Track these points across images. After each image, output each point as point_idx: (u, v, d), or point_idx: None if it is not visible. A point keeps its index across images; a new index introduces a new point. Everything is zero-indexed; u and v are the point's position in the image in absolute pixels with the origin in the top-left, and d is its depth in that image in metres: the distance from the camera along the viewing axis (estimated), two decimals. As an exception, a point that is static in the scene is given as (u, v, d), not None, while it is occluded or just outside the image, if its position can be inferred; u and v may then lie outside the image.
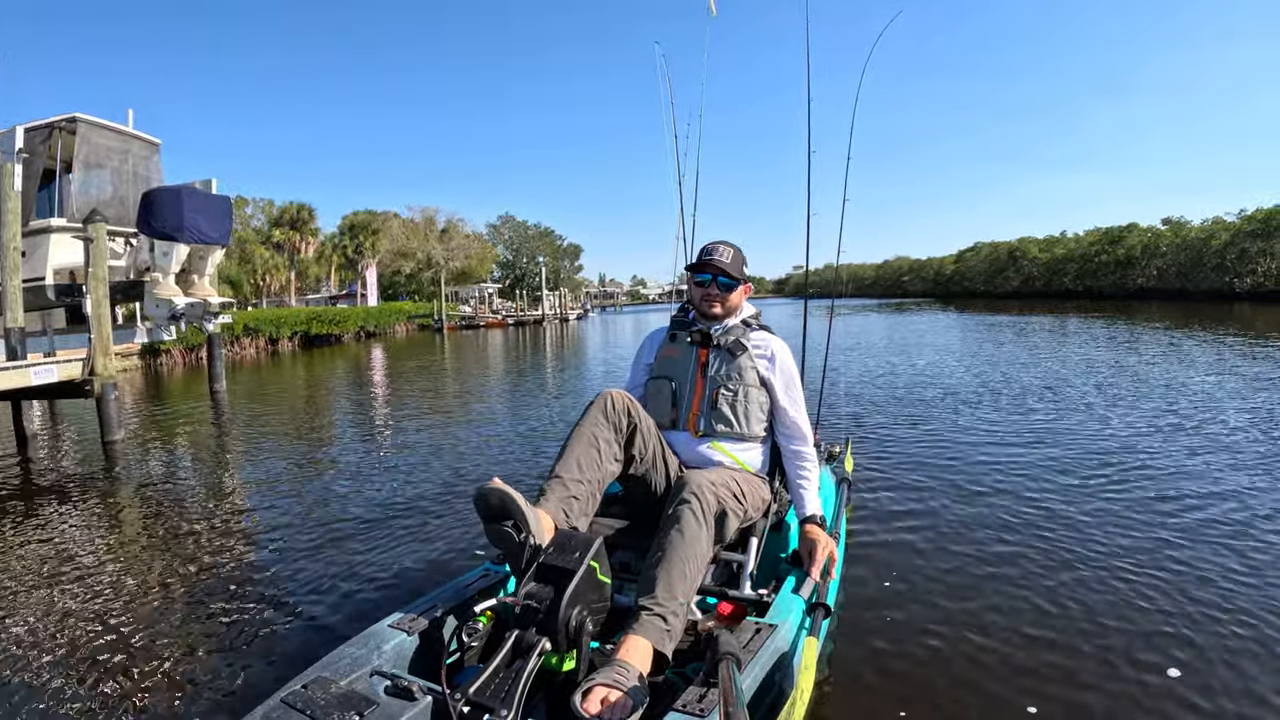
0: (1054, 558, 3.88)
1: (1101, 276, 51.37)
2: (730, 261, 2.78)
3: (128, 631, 3.40)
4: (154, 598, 3.81)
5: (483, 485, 2.06)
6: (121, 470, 7.11)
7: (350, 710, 1.69)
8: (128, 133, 11.70)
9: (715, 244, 2.84)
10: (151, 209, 9.72)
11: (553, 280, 70.41)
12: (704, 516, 2.25)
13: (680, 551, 2.16)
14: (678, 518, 2.23)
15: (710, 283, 2.80)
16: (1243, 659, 2.81)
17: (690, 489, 2.28)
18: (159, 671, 3.02)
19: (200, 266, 10.77)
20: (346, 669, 1.88)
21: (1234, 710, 2.50)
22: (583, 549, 1.95)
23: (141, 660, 3.12)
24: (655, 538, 2.26)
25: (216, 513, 5.45)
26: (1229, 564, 3.71)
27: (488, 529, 2.08)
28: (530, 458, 6.89)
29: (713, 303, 2.82)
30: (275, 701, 1.73)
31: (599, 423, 2.46)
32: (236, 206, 51.16)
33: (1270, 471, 5.34)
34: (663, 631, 2.01)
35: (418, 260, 56.56)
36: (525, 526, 2.01)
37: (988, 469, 5.71)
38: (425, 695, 1.77)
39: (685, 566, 2.14)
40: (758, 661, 1.92)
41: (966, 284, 68.68)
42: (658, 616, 2.02)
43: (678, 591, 2.09)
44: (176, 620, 3.52)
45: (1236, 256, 40.74)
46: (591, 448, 2.41)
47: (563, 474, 2.34)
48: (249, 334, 27.28)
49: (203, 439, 8.88)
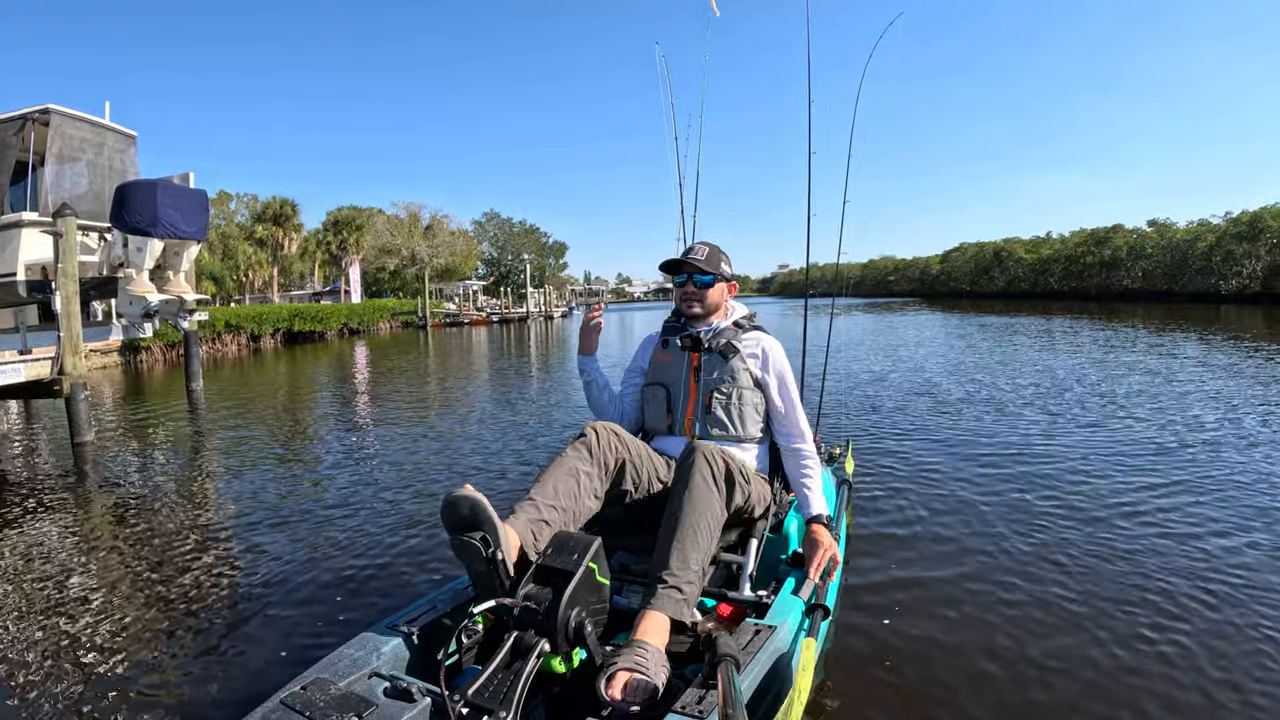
0: (1055, 557, 3.89)
1: (1087, 278, 51.66)
2: (705, 258, 2.76)
3: (107, 637, 3.25)
4: (131, 606, 3.62)
5: (452, 491, 1.96)
6: (90, 473, 6.87)
7: (349, 712, 1.69)
8: (103, 125, 11.40)
9: (693, 244, 2.84)
10: (125, 203, 9.41)
11: (537, 278, 70.29)
12: (713, 480, 2.24)
13: (691, 518, 2.15)
14: (687, 483, 2.21)
15: (686, 282, 2.80)
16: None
17: (699, 453, 2.26)
18: (158, 672, 3.01)
19: (175, 262, 10.44)
20: (345, 670, 1.89)
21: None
22: (581, 550, 1.93)
23: (141, 663, 3.08)
24: (666, 507, 2.24)
25: (189, 516, 5.25)
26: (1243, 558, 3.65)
27: (453, 541, 1.97)
28: (513, 465, 6.71)
29: (691, 302, 2.81)
30: (274, 703, 1.73)
31: (582, 456, 2.37)
32: (220, 202, 50.96)
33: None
34: (679, 602, 2.04)
35: (402, 257, 56.35)
36: (494, 540, 1.91)
37: (988, 470, 5.69)
38: (424, 697, 1.77)
39: (697, 533, 2.15)
40: (756, 663, 1.92)
41: (952, 284, 69.01)
42: (673, 589, 2.05)
43: (691, 560, 2.10)
44: (155, 626, 3.35)
45: (1222, 259, 40.96)
46: (571, 478, 2.30)
47: (537, 497, 2.22)
48: (231, 331, 27.02)
49: (177, 439, 8.63)
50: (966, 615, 3.27)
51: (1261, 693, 2.58)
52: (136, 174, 11.69)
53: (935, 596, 3.48)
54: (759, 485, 2.59)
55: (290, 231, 47.66)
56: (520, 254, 74.29)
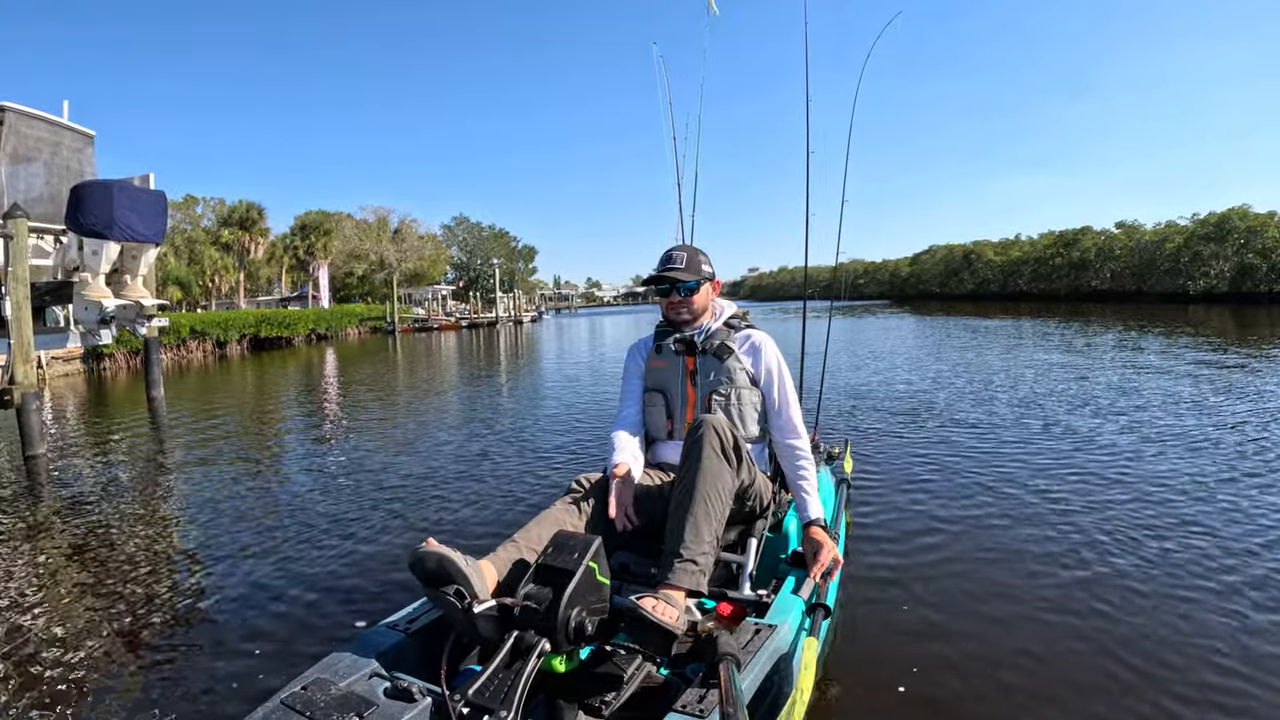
0: (1055, 556, 3.89)
1: (1056, 279, 52.32)
2: (686, 265, 2.72)
3: (81, 657, 3.02)
4: (91, 624, 3.38)
5: (417, 548, 1.94)
6: (43, 488, 6.53)
7: (350, 712, 1.66)
8: (60, 124, 11.08)
9: (669, 250, 2.79)
10: (80, 204, 9.08)
11: (507, 282, 69.90)
12: (722, 452, 2.26)
13: (702, 489, 2.18)
14: (697, 456, 2.23)
15: (670, 291, 2.75)
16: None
17: (708, 426, 2.27)
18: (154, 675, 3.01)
19: (133, 266, 10.11)
20: (346, 670, 1.86)
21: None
22: (582, 550, 1.92)
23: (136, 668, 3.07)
24: (676, 482, 2.29)
25: (148, 529, 5.03)
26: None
27: (427, 593, 1.99)
28: (493, 480, 6.50)
29: (679, 310, 2.76)
30: (275, 703, 1.71)
31: (571, 511, 2.36)
32: (186, 206, 50.13)
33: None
34: (696, 573, 2.10)
35: (370, 262, 55.77)
36: (469, 591, 1.88)
37: (988, 469, 5.75)
38: (425, 696, 1.74)
39: (709, 504, 2.18)
40: (757, 662, 1.91)
41: (922, 286, 69.61)
42: (689, 562, 2.10)
43: (704, 532, 2.15)
44: (128, 639, 3.14)
45: (1190, 259, 41.56)
46: (556, 528, 2.23)
47: (520, 540, 2.21)
48: (196, 337, 26.52)
49: (134, 451, 8.25)
50: (968, 614, 3.27)
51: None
52: (94, 174, 11.36)
53: (936, 595, 3.47)
54: (761, 478, 2.58)
55: (257, 236, 46.87)
56: (490, 258, 73.70)
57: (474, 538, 4.63)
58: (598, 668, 1.94)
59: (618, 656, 1.98)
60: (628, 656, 1.99)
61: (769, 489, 2.65)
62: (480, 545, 4.40)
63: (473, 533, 4.75)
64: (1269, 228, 39.29)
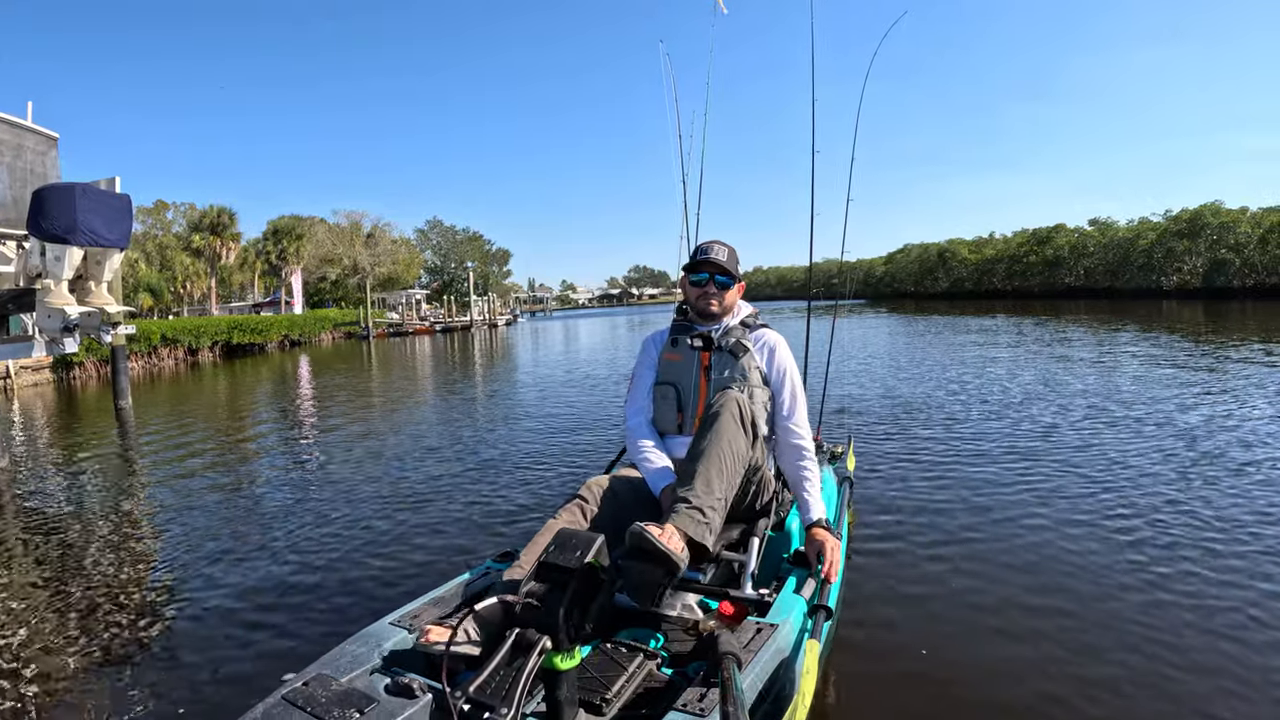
0: (1065, 560, 3.81)
1: (1030, 276, 52.80)
2: (726, 259, 2.76)
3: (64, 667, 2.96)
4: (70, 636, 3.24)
5: (419, 641, 1.98)
6: (3, 503, 6.31)
7: (351, 708, 1.68)
8: (21, 125, 10.74)
9: (709, 243, 2.82)
10: (42, 208, 8.78)
11: (481, 285, 69.62)
12: (740, 421, 2.31)
13: (718, 447, 2.22)
14: (716, 419, 2.29)
15: (707, 281, 2.78)
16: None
17: (729, 395, 2.37)
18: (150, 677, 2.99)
19: (97, 272, 9.80)
20: (347, 666, 1.89)
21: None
22: (584, 548, 1.87)
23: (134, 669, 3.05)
24: (693, 441, 2.34)
25: (121, 541, 4.91)
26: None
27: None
28: (476, 486, 6.40)
29: (710, 301, 2.78)
30: (276, 699, 1.72)
31: (576, 520, 2.37)
32: (157, 211, 49.52)
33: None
34: (701, 524, 2.09)
35: (344, 266, 55.33)
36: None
37: (989, 468, 5.71)
38: (426, 693, 1.76)
39: (723, 460, 2.21)
40: (758, 661, 1.91)
41: (897, 285, 69.98)
42: (696, 509, 2.10)
43: (715, 486, 2.16)
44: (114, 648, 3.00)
45: (1163, 255, 42.01)
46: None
47: (525, 562, 2.23)
48: (167, 344, 26.09)
49: (101, 462, 8.04)
50: (970, 614, 3.24)
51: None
52: (58, 178, 11.02)
53: (938, 594, 3.44)
54: (767, 470, 2.64)
55: (228, 241, 46.24)
56: (464, 261, 73.37)
57: (451, 536, 4.64)
58: (599, 666, 1.96)
59: (619, 655, 2.00)
60: (629, 655, 2.01)
61: (772, 485, 2.68)
62: (464, 545, 4.44)
63: (449, 532, 4.72)
64: (1241, 223, 39.85)
